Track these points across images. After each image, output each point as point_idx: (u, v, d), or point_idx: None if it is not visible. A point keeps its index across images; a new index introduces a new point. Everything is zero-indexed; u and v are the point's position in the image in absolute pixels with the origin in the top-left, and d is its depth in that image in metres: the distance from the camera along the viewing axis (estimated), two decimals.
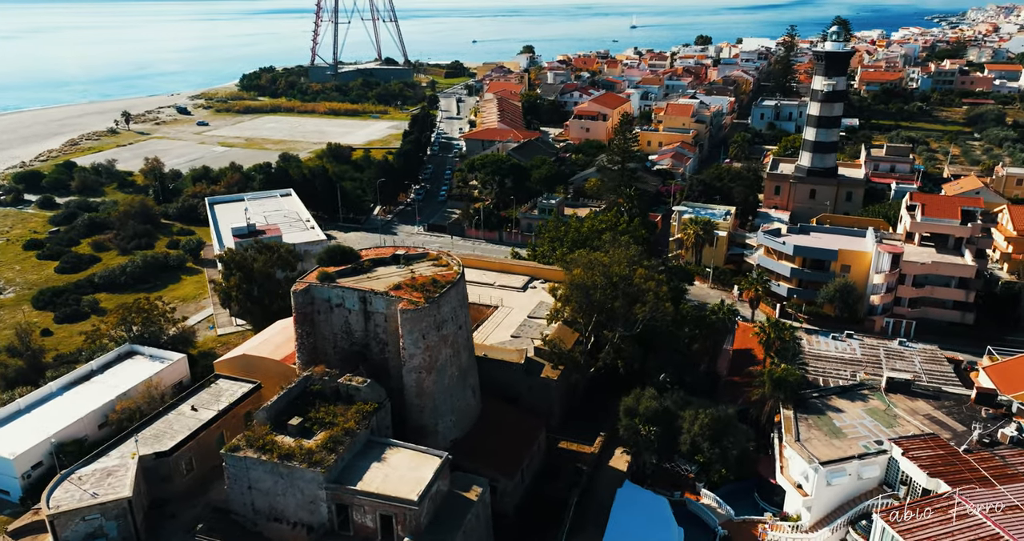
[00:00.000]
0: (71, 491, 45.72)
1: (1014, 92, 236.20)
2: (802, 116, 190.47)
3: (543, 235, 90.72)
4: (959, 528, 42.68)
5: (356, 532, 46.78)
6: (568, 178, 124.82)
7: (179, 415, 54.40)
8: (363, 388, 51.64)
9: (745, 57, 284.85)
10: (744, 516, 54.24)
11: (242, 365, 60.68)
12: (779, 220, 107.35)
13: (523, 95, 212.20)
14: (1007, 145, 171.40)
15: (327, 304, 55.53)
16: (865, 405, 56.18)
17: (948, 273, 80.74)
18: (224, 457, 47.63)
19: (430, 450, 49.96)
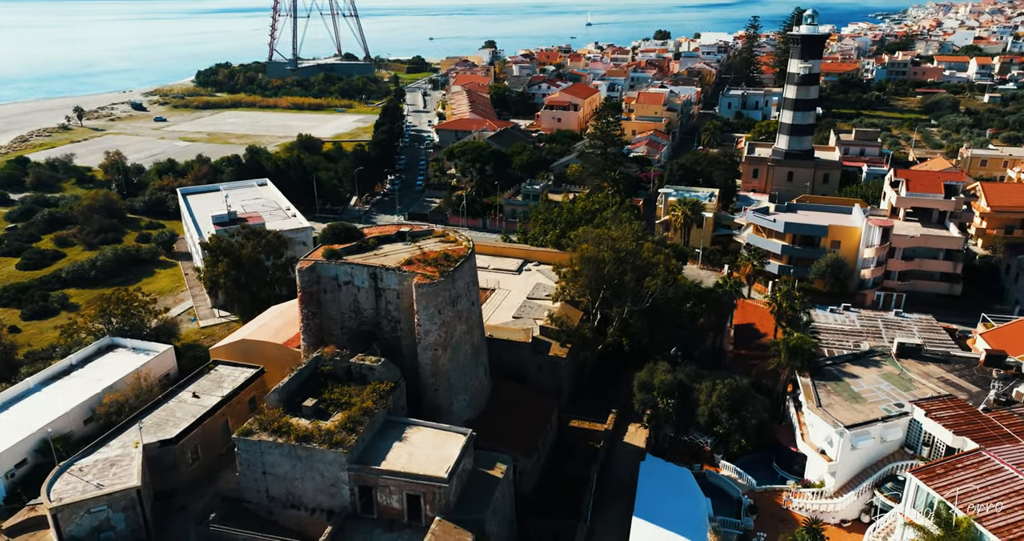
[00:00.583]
0: (72, 483, 42.68)
1: (963, 82, 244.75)
2: (768, 105, 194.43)
3: (535, 218, 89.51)
4: (992, 482, 42.84)
5: (381, 514, 44.79)
6: (548, 164, 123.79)
7: (180, 402, 51.50)
8: (377, 367, 49.57)
9: (705, 50, 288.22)
10: (766, 485, 53.83)
11: (241, 351, 57.91)
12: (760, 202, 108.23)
13: (491, 87, 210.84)
14: (964, 130, 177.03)
15: (334, 282, 53.23)
16: (880, 371, 56.39)
17: (936, 245, 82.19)
18: (236, 442, 45.11)
19: (453, 428, 48.26)
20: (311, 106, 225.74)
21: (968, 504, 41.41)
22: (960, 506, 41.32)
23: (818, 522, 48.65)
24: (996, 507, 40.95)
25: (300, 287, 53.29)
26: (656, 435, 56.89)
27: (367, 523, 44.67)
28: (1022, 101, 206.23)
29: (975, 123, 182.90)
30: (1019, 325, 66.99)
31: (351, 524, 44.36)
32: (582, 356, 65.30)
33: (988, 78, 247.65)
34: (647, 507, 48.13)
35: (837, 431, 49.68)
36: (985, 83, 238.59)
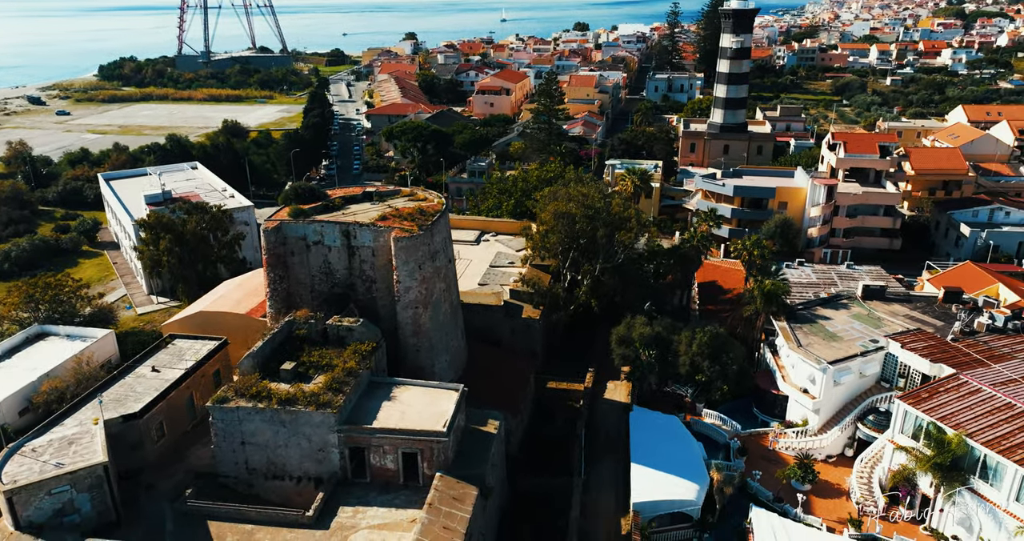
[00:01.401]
0: (26, 465, 38.24)
1: (866, 67, 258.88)
2: (692, 87, 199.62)
3: (489, 190, 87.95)
4: (974, 402, 44.37)
5: (374, 477, 42.29)
6: (490, 143, 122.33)
7: (139, 377, 47.23)
8: (356, 328, 46.93)
9: (625, 40, 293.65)
10: (750, 429, 54.22)
11: (198, 324, 53.82)
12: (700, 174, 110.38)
13: (418, 75, 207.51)
14: (874, 108, 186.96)
15: (302, 243, 50.10)
16: (849, 312, 57.80)
17: (876, 202, 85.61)
18: (211, 410, 41.63)
19: (442, 384, 46.22)
20: (230, 97, 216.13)
21: (956, 422, 42.72)
22: (949, 425, 42.56)
23: (808, 457, 49.38)
24: (981, 423, 42.37)
25: (265, 249, 49.92)
26: (640, 387, 56.38)
27: (359, 488, 42.07)
28: (920, 83, 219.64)
29: (883, 102, 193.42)
30: (960, 270, 70.40)
31: (343, 490, 41.69)
32: (555, 317, 64.30)
33: (887, 63, 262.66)
34: (643, 454, 47.53)
35: (820, 368, 50.45)
36: (886, 68, 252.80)
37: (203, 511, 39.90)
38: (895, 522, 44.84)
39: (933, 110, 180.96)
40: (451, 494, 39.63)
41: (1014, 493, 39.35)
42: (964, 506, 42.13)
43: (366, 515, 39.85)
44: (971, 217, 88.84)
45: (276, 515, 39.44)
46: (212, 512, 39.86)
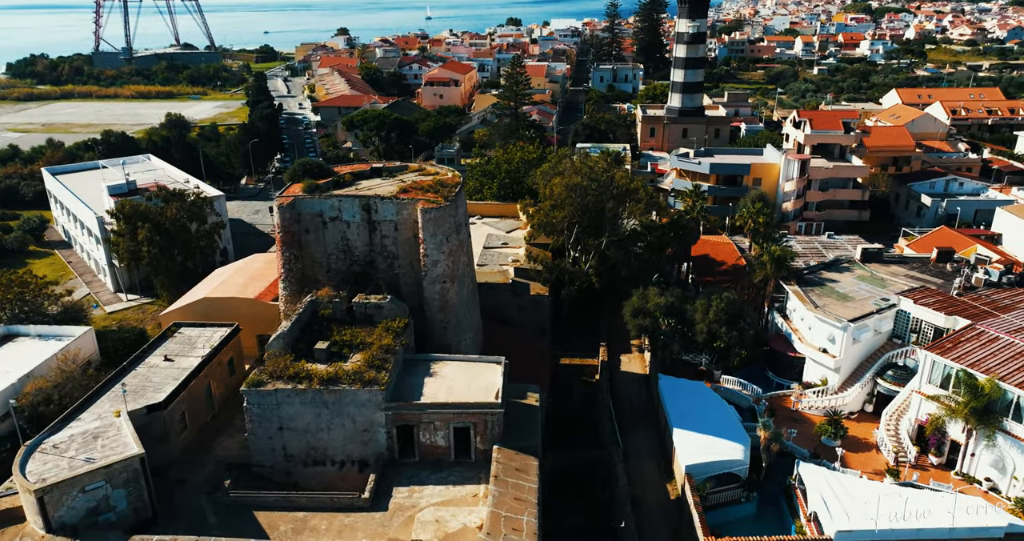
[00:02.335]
0: (51, 462, 34.74)
1: (792, 58, 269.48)
2: (636, 78, 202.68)
3: (471, 173, 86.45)
4: (995, 349, 46.14)
5: (423, 456, 40.54)
6: (454, 130, 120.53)
7: (152, 368, 43.73)
8: (385, 305, 44.99)
9: (561, 34, 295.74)
10: (771, 392, 54.92)
11: (202, 312, 50.42)
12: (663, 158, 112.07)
13: (360, 68, 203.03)
14: (809, 95, 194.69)
15: (318, 219, 47.62)
16: (852, 274, 59.35)
17: (846, 175, 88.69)
18: (246, 395, 39.01)
19: (481, 357, 44.93)
20: (160, 94, 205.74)
21: (985, 368, 44.28)
22: (979, 370, 44.07)
23: (837, 414, 50.35)
24: (1009, 368, 44.08)
25: (280, 228, 47.21)
26: (662, 357, 56.27)
27: (408, 468, 40.25)
28: (846, 71, 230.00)
29: (816, 89, 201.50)
30: (937, 234, 73.58)
31: (391, 471, 39.75)
32: (563, 293, 63.66)
33: (811, 54, 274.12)
34: (681, 419, 47.36)
35: (841, 326, 51.52)
36: (811, 59, 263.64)
37: (247, 502, 37.27)
38: (926, 470, 46.16)
39: (864, 96, 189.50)
40: (513, 466, 38.33)
41: None
42: (996, 448, 43.73)
43: (423, 494, 38.09)
44: (929, 188, 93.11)
45: (329, 500, 37.22)
46: (257, 502, 37.29)
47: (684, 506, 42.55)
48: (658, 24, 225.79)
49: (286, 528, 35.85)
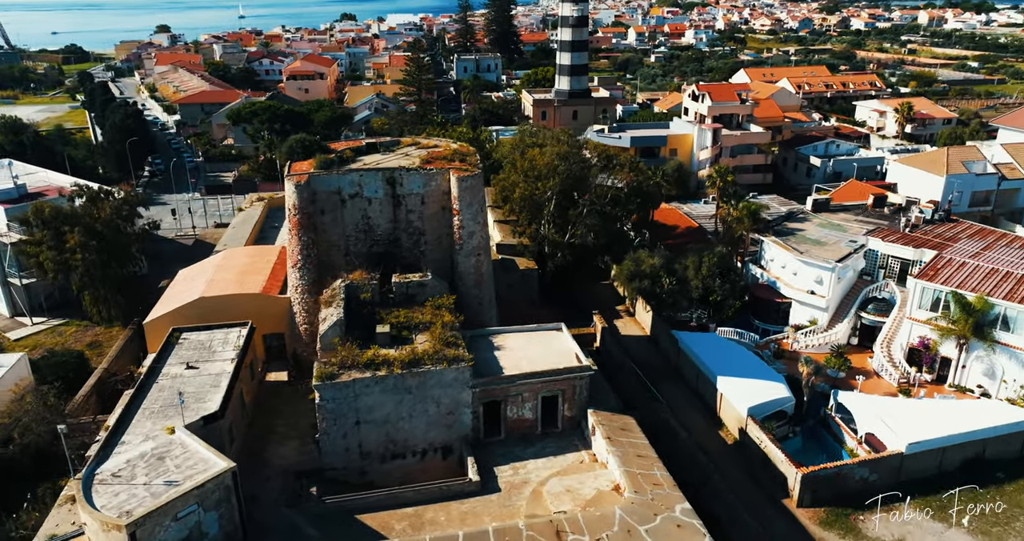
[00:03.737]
0: (123, 491, 28.87)
1: (628, 47, 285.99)
2: (497, 67, 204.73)
3: None
4: (968, 272, 51.90)
5: (509, 431, 38.54)
6: (349, 120, 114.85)
7: (176, 379, 37.56)
8: (429, 282, 42.19)
9: (406, 28, 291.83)
10: (766, 338, 57.97)
11: (199, 314, 44.05)
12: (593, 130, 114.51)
13: (205, 65, 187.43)
14: (658, 79, 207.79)
15: (335, 198, 43.47)
16: (813, 223, 64.04)
17: (752, 141, 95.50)
18: (320, 390, 34.93)
19: (539, 326, 43.41)
20: None
21: (970, 288, 49.72)
22: (967, 291, 49.41)
23: (841, 348, 54.25)
24: (987, 286, 49.87)
25: (297, 209, 42.54)
26: (666, 315, 57.42)
27: (496, 446, 38.11)
28: (682, 59, 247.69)
29: (663, 72, 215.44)
30: (847, 187, 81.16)
31: (479, 452, 37.33)
32: (548, 267, 63.02)
33: (644, 44, 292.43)
34: (719, 367, 48.65)
35: (830, 267, 55.51)
36: (646, 48, 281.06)
37: (346, 506, 33.38)
38: (923, 386, 51.06)
39: (706, 78, 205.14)
40: (617, 426, 37.49)
41: None
42: (986, 358, 49.33)
43: (528, 469, 36.23)
44: (813, 151, 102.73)
45: (438, 489, 34.28)
46: (357, 505, 33.52)
47: (748, 448, 43.85)
48: (510, 14, 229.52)
49: (402, 526, 32.57)
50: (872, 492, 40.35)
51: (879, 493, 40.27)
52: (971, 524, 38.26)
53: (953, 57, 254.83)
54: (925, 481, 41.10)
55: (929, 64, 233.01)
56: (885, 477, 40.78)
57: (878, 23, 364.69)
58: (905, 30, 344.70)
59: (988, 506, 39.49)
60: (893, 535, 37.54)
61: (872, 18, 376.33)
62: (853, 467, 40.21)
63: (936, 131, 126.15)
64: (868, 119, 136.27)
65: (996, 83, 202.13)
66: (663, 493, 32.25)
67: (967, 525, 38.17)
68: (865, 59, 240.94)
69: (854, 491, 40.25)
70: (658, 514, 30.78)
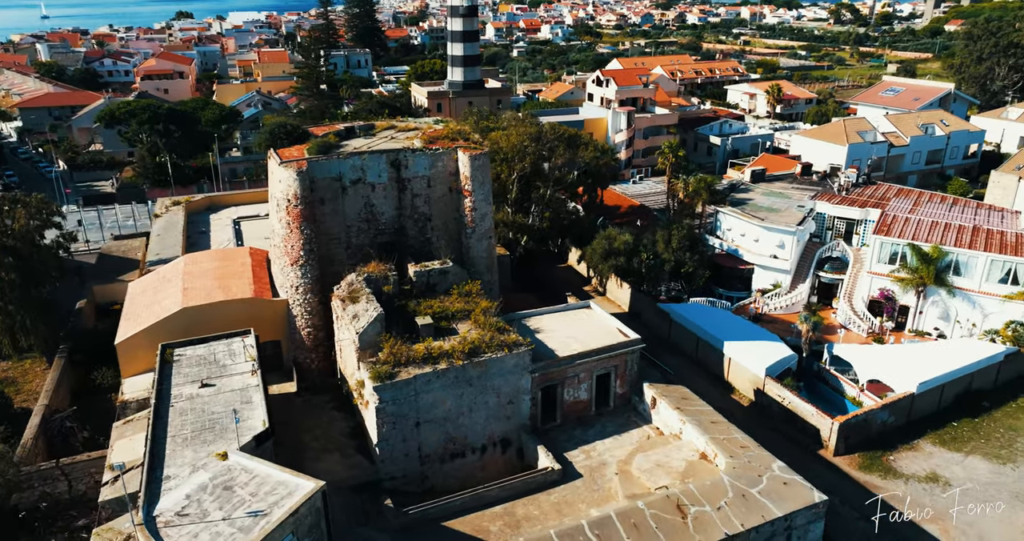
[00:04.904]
0: (201, 530, 24.23)
1: (488, 42, 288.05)
2: (368, 63, 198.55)
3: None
4: (914, 226, 56.48)
5: (565, 414, 36.87)
6: (237, 118, 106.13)
7: (193, 399, 32.21)
8: (451, 269, 39.44)
9: (257, 26, 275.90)
10: (736, 304, 59.95)
11: (182, 328, 38.20)
12: None
13: (35, 66, 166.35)
14: (529, 72, 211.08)
15: (336, 185, 39.43)
16: (758, 192, 67.01)
17: (663, 123, 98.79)
18: (380, 392, 31.51)
19: (570, 305, 41.86)
20: None
21: (923, 239, 54.07)
22: (922, 242, 53.70)
23: (814, 305, 57.10)
24: (935, 236, 54.50)
25: (298, 199, 38.05)
26: (649, 290, 57.71)
27: (554, 433, 36.33)
28: (545, 53, 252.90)
29: (532, 65, 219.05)
30: (762, 160, 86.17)
31: (543, 440, 35.40)
32: (517, 251, 61.44)
33: (503, 39, 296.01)
34: (721, 333, 49.51)
35: (792, 231, 58.29)
36: (505, 43, 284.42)
37: (430, 514, 30.32)
38: (885, 334, 54.99)
39: (575, 69, 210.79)
40: (678, 396, 36.90)
41: (984, 276, 51.88)
42: (940, 303, 53.89)
43: (598, 451, 34.88)
44: (711, 131, 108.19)
45: (522, 483, 32.03)
46: (442, 511, 30.58)
47: (768, 407, 44.97)
48: (373, 10, 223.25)
49: (498, 527, 30.09)
50: (890, 434, 42.83)
51: (896, 434, 42.83)
52: (981, 450, 41.51)
53: (783, 47, 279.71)
54: (930, 418, 44.14)
55: (767, 53, 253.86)
56: (899, 418, 43.31)
57: (709, 18, 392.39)
58: (734, 24, 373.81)
59: (988, 432, 43.08)
60: (924, 470, 39.89)
61: (703, 13, 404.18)
62: (876, 412, 42.30)
63: (801, 110, 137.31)
64: (740, 101, 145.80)
65: (826, 69, 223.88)
66: (755, 454, 32.08)
67: (979, 451, 41.37)
68: (710, 50, 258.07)
69: (876, 434, 42.43)
70: (762, 475, 30.53)
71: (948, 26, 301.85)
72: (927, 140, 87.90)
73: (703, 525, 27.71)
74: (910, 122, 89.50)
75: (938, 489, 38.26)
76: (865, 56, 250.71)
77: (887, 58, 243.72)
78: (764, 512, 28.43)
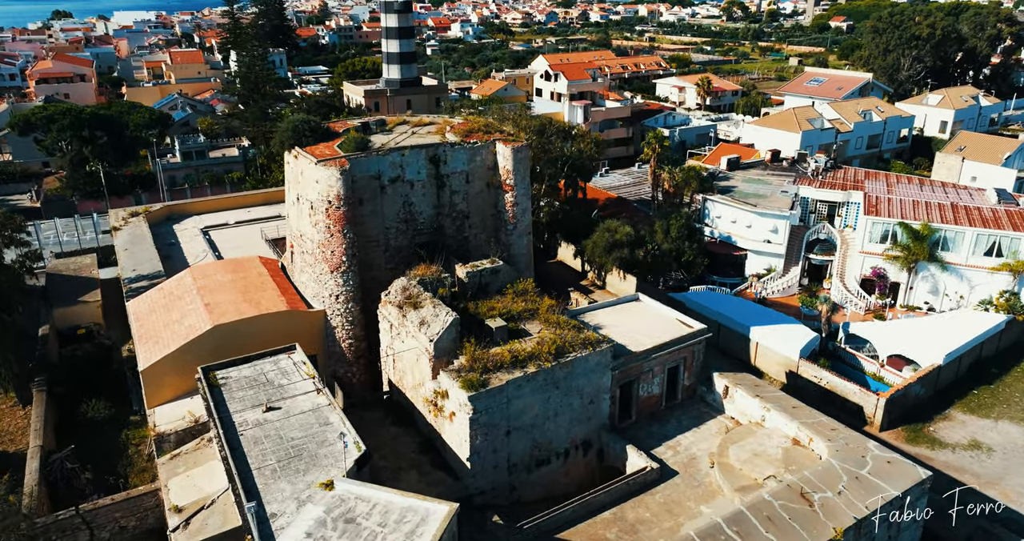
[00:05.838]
0: None
1: None
2: (284, 63, 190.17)
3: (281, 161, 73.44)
4: (898, 205, 58.93)
5: (639, 411, 35.78)
6: (167, 121, 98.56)
7: (261, 425, 28.77)
8: (502, 268, 37.52)
9: (149, 26, 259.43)
10: (735, 290, 60.70)
11: (210, 349, 34.34)
12: None
13: None
14: (450, 70, 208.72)
15: (375, 184, 36.69)
16: (739, 179, 68.15)
17: (616, 116, 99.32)
18: (473, 402, 29.35)
19: (620, 299, 40.75)
20: None
21: (912, 217, 56.46)
22: (912, 220, 56.05)
23: (814, 286, 58.51)
24: (922, 214, 57.04)
25: (342, 200, 35.01)
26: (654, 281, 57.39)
27: (631, 430, 35.16)
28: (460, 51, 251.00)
29: (451, 64, 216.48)
30: (720, 149, 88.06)
31: (624, 439, 34.20)
32: None
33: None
34: (745, 319, 49.75)
35: (786, 216, 59.54)
36: (418, 41, 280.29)
37: (544, 527, 28.51)
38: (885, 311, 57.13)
39: (498, 66, 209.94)
40: (751, 383, 36.52)
41: (971, 249, 54.74)
42: (930, 278, 56.48)
43: (683, 446, 34.00)
44: (655, 123, 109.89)
45: (625, 485, 30.67)
46: (553, 523, 28.80)
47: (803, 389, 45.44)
48: (283, 8, 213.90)
49: (614, 534, 28.69)
50: (923, 406, 44.26)
51: (928, 405, 44.32)
52: (1007, 414, 43.56)
53: (687, 43, 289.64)
54: (952, 387, 45.98)
55: (674, 49, 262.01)
56: (928, 390, 44.84)
57: (610, 16, 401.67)
58: (635, 21, 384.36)
59: (1007, 397, 45.30)
60: (965, 438, 41.41)
61: (604, 11, 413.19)
62: (913, 386, 43.56)
63: (728, 102, 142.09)
64: (670, 94, 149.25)
65: (734, 63, 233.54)
66: (848, 436, 32.05)
67: (1006, 416, 43.38)
68: (622, 47, 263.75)
69: (911, 407, 43.74)
70: (864, 456, 30.50)
71: (832, 22, 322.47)
72: (868, 126, 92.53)
73: (831, 511, 27.29)
74: (850, 109, 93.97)
75: (983, 455, 39.76)
76: (765, 51, 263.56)
77: (786, 52, 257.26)
78: (882, 492, 28.35)
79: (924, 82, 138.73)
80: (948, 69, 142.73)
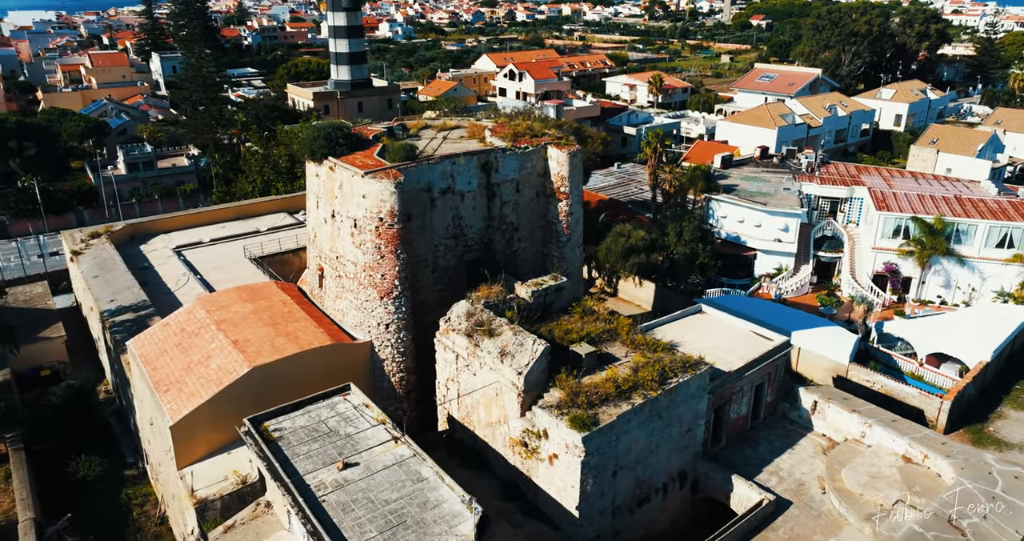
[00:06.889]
0: None
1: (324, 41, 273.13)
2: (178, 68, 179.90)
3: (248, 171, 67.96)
4: (906, 200, 58.72)
5: (729, 432, 33.07)
6: (104, 129, 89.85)
7: (346, 488, 24.29)
8: (566, 284, 34.09)
9: (54, 27, 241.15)
10: (749, 290, 59.10)
11: (249, 394, 29.42)
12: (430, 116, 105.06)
13: None
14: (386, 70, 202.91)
15: (425, 196, 32.55)
16: (739, 178, 66.72)
17: (587, 115, 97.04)
18: (586, 443, 25.85)
19: (684, 311, 37.90)
20: None
21: (923, 211, 56.17)
22: (924, 214, 55.73)
23: (830, 285, 57.47)
24: (931, 207, 56.86)
25: (396, 216, 30.69)
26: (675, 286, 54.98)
27: (725, 455, 32.40)
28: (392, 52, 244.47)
29: (390, 64, 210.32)
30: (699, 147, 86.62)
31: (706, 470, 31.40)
32: None
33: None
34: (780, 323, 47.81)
35: (797, 214, 58.30)
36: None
37: None
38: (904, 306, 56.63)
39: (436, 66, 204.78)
40: (840, 396, 34.27)
41: (983, 242, 54.84)
42: (942, 272, 56.33)
43: (784, 470, 31.45)
44: (619, 122, 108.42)
45: (747, 522, 27.76)
46: None
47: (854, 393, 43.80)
48: (204, 8, 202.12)
49: None
50: (974, 405, 43.35)
51: (979, 404, 43.46)
52: None
53: (617, 42, 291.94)
54: (994, 384, 45.36)
55: (606, 48, 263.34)
56: (976, 388, 44.04)
57: (536, 15, 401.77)
58: (561, 21, 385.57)
59: None
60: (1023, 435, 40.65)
61: (529, 11, 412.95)
62: (967, 386, 42.57)
63: (679, 99, 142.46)
64: (620, 92, 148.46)
65: (668, 60, 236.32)
66: (961, 449, 30.22)
67: None
68: (555, 45, 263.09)
69: (964, 407, 42.75)
70: (991, 473, 28.70)
71: (752, 20, 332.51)
72: (836, 120, 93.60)
73: (985, 538, 25.20)
74: (817, 104, 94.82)
75: None
76: (695, 49, 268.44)
77: (715, 50, 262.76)
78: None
79: (862, 77, 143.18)
80: (882, 64, 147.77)
